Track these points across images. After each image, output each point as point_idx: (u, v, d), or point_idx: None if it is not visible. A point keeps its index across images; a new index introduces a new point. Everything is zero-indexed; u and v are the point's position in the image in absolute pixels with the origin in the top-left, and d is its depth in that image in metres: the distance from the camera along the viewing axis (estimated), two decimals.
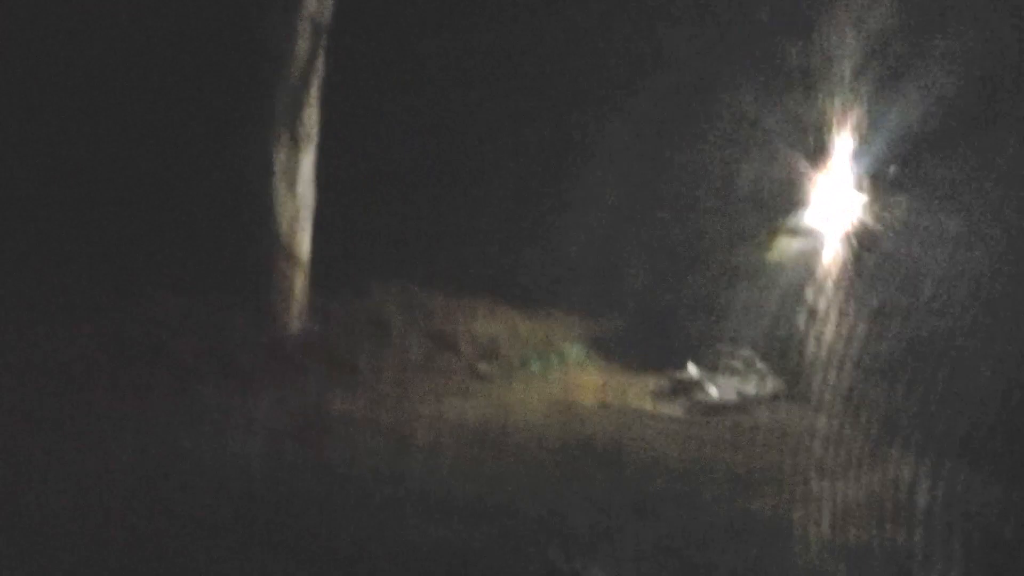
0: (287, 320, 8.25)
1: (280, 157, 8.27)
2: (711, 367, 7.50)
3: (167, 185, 8.80)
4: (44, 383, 6.56)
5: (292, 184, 8.36)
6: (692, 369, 7.55)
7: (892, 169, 6.74)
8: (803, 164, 7.43)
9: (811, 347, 6.98)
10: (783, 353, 7.31)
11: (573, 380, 7.89)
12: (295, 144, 8.33)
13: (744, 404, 7.07)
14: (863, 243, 6.86)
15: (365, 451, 6.09)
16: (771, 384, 7.29)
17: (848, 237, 7.03)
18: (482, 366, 8.08)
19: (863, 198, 7.00)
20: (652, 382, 7.70)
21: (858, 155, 7.02)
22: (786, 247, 7.63)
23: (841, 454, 5.88)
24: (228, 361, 7.43)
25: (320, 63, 8.35)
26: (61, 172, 8.88)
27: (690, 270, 8.10)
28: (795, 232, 7.57)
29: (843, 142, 7.10)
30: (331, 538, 4.66)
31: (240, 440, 6.03)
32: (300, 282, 8.39)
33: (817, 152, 7.33)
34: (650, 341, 8.06)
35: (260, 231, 8.25)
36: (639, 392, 7.56)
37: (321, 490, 5.32)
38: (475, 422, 6.82)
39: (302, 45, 8.23)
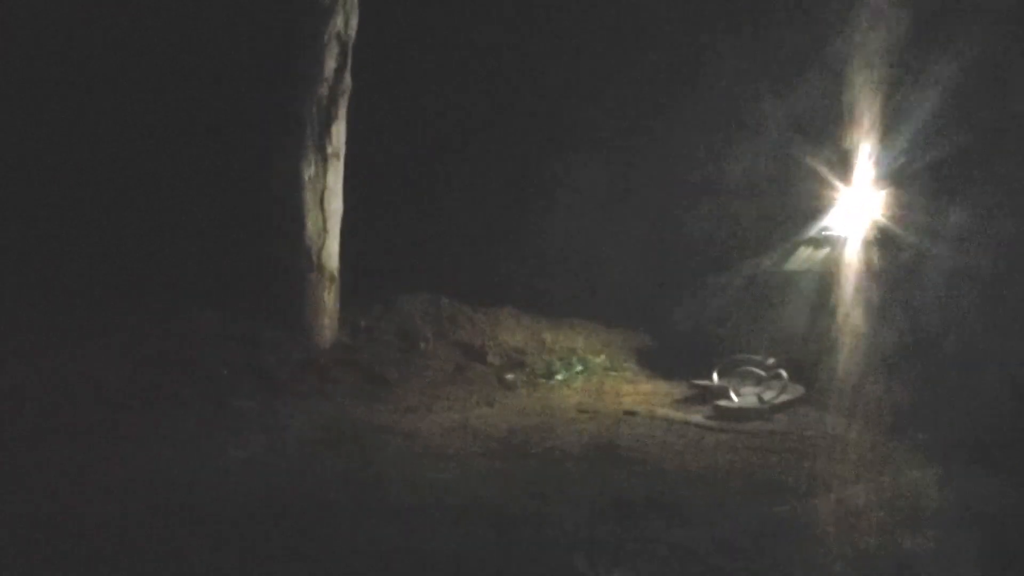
0: (319, 333, 8.43)
1: (309, 172, 8.46)
2: (734, 375, 7.58)
3: (200, 201, 9.03)
4: (82, 398, 6.76)
5: (321, 198, 8.53)
6: (715, 377, 7.64)
7: (916, 178, 6.79)
8: (828, 173, 7.51)
9: (831, 355, 7.05)
10: (804, 360, 7.38)
11: (597, 388, 8.02)
12: (323, 159, 8.50)
13: (765, 411, 7.14)
14: (886, 252, 6.92)
15: (396, 459, 6.23)
16: (792, 391, 7.36)
17: (871, 246, 7.09)
18: (509, 376, 8.22)
19: (887, 207, 7.06)
20: (676, 390, 7.81)
21: (882, 164, 7.08)
22: (810, 256, 7.70)
23: (858, 459, 5.96)
24: (262, 374, 7.64)
25: (347, 79, 8.53)
26: (98, 192, 9.13)
27: (714, 279, 8.20)
28: (819, 241, 7.65)
29: (867, 152, 7.16)
30: (360, 545, 4.77)
31: (275, 450, 6.21)
32: (331, 295, 8.57)
33: (842, 161, 7.40)
34: (674, 350, 8.18)
35: (291, 245, 8.43)
36: (663, 400, 7.66)
37: (352, 498, 5.44)
38: (502, 430, 6.94)
39: (329, 62, 8.42)
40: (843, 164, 7.34)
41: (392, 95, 9.44)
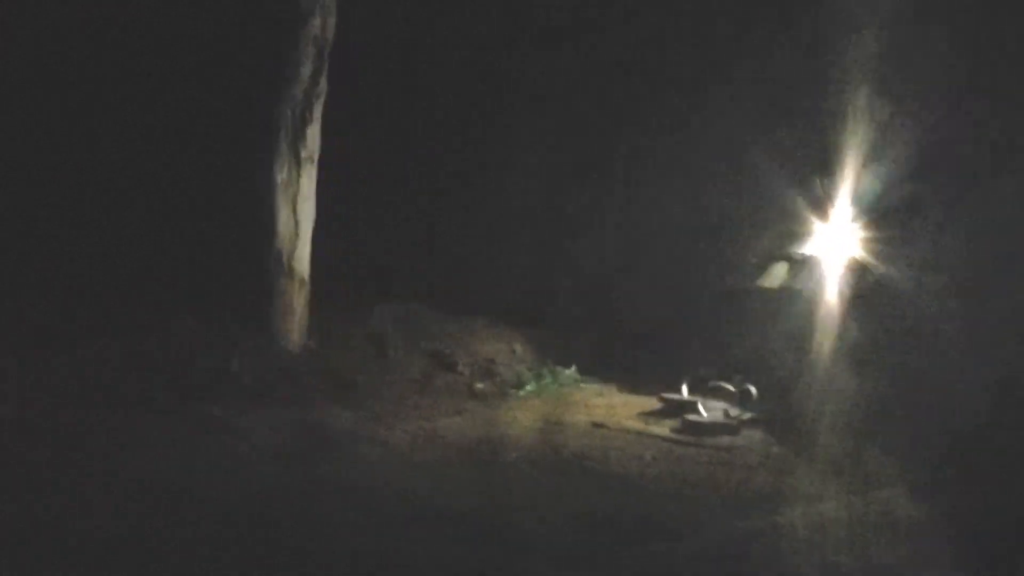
0: (289, 338, 8.35)
1: (283, 175, 8.38)
2: (703, 389, 7.63)
3: (171, 204, 8.93)
4: (54, 404, 6.65)
5: (294, 202, 8.46)
6: (684, 391, 7.69)
7: (888, 201, 6.90)
8: (800, 193, 7.60)
9: (800, 371, 7.12)
10: (774, 376, 7.45)
11: (567, 400, 8.02)
12: (297, 163, 8.43)
13: (733, 426, 7.19)
14: (857, 275, 7.02)
15: (365, 468, 6.19)
16: (760, 407, 7.42)
17: (844, 268, 7.18)
18: (479, 385, 8.20)
19: (859, 229, 7.16)
20: (646, 403, 7.84)
21: (856, 186, 7.18)
22: (783, 274, 7.79)
23: (825, 475, 6.04)
24: (231, 379, 7.55)
25: (323, 82, 8.48)
26: (68, 195, 8.99)
27: (686, 294, 8.25)
28: (793, 259, 7.73)
29: (841, 173, 7.25)
30: (329, 555, 4.74)
31: (243, 457, 6.15)
32: (301, 300, 8.49)
33: (815, 182, 7.50)
34: (645, 363, 8.21)
35: (262, 250, 8.35)
36: (632, 412, 7.69)
37: (320, 507, 5.40)
38: (471, 440, 6.93)
39: (305, 65, 8.36)
40: (821, 188, 7.44)
41: (370, 99, 9.41)
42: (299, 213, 8.50)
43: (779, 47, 7.81)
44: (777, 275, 7.83)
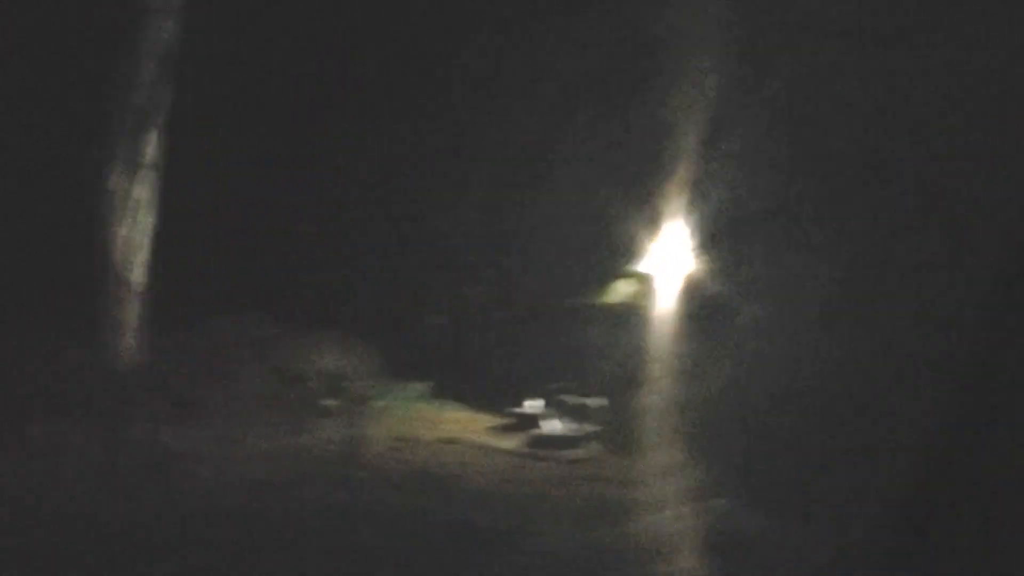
0: (124, 353, 7.96)
1: (119, 184, 8.01)
2: (548, 404, 7.80)
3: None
4: None
5: (130, 213, 8.10)
6: (529, 406, 7.84)
7: (718, 224, 7.25)
8: (637, 214, 7.88)
9: (640, 385, 7.39)
10: (615, 390, 7.69)
11: (417, 415, 8.04)
12: (135, 171, 8.08)
13: (576, 439, 7.39)
14: (692, 294, 7.35)
15: (201, 488, 5.99)
16: (603, 419, 7.65)
17: (680, 287, 7.50)
18: (328, 401, 8.08)
19: (693, 249, 7.50)
20: (493, 418, 7.95)
21: (689, 210, 7.51)
22: (624, 291, 8.06)
23: (662, 487, 6.29)
24: (59, 395, 7.13)
25: (164, 90, 8.17)
26: None
27: (534, 312, 8.41)
28: (632, 277, 8.01)
29: (675, 197, 7.57)
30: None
31: (68, 477, 5.82)
32: (137, 314, 8.11)
33: (651, 204, 7.80)
34: (493, 379, 8.31)
35: (96, 260, 7.94)
36: (480, 427, 7.79)
37: (149, 531, 5.17)
38: (319, 458, 6.83)
39: (147, 71, 8.04)
40: (658, 210, 7.74)
41: (214, 107, 9.11)
42: (137, 222, 8.13)
43: (617, 68, 8.07)
44: (619, 292, 8.11)
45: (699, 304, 7.23)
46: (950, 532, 3.55)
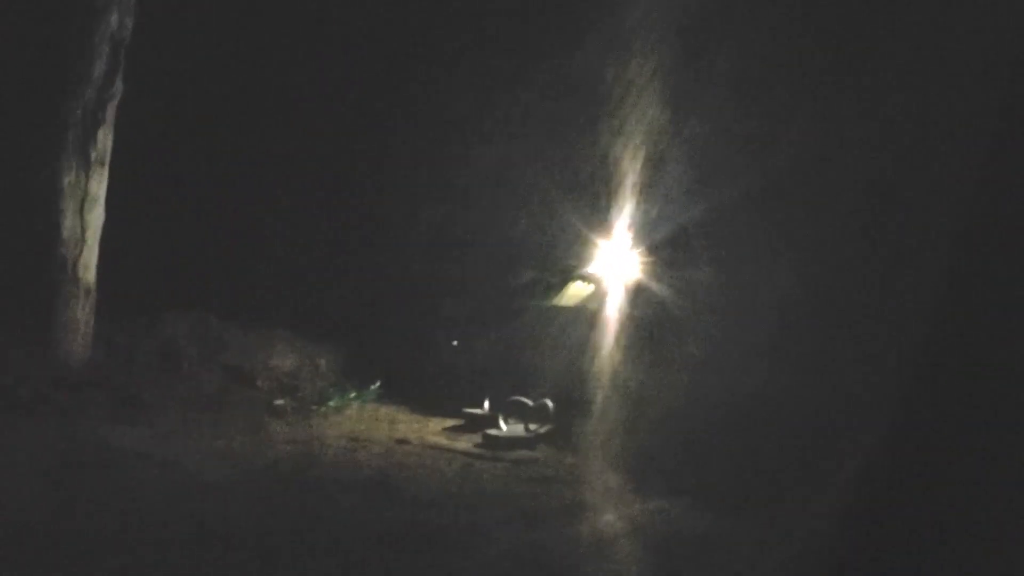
0: (71, 350, 7.86)
1: (69, 177, 7.93)
2: (503, 405, 7.80)
3: None
4: None
5: (80, 206, 8.02)
6: (485, 406, 7.84)
7: (669, 232, 7.33)
8: (587, 218, 7.94)
9: (592, 388, 7.44)
10: (569, 392, 7.72)
11: (371, 416, 8.00)
12: (86, 165, 8.00)
13: (531, 440, 7.41)
14: (640, 297, 7.41)
15: (150, 488, 5.91)
16: (556, 421, 7.67)
17: (629, 290, 7.56)
18: (279, 401, 8.02)
19: (641, 252, 7.57)
20: (445, 419, 7.93)
21: (637, 212, 7.58)
22: (574, 294, 8.11)
23: (611, 489, 6.35)
24: (3, 395, 7.01)
25: (118, 83, 8.08)
26: None
27: (485, 313, 8.42)
28: (584, 279, 8.05)
29: (624, 200, 7.64)
30: None
31: (11, 476, 5.71)
32: (86, 310, 8.03)
33: (600, 207, 7.86)
34: (448, 379, 8.30)
35: (44, 256, 7.84)
36: (435, 428, 7.77)
37: (96, 530, 5.10)
38: (268, 459, 6.77)
39: (99, 64, 7.95)
40: (608, 212, 7.80)
41: (164, 102, 9.01)
42: (86, 218, 8.05)
43: (561, 72, 8.12)
44: (572, 295, 8.15)
45: (649, 306, 7.30)
46: (899, 538, 3.60)
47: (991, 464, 3.41)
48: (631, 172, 7.40)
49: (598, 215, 7.80)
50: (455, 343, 8.50)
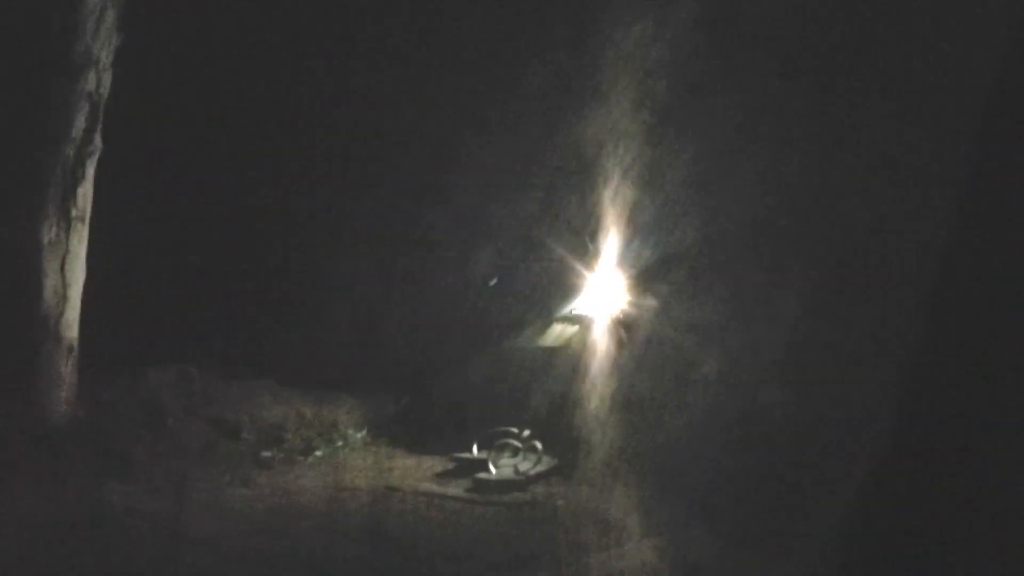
0: (54, 408, 7.78)
1: (50, 235, 7.90)
2: (493, 447, 7.81)
3: None
4: None
5: (62, 263, 7.98)
6: (475, 450, 7.84)
7: (653, 265, 7.41)
8: (574, 258, 8.03)
9: (582, 427, 7.47)
10: (558, 432, 7.75)
11: (358, 464, 7.96)
12: (66, 222, 7.99)
13: (522, 482, 7.41)
14: (628, 333, 7.47)
15: (142, 545, 5.86)
16: (547, 462, 7.69)
17: (616, 327, 7.62)
18: (265, 453, 7.97)
19: (630, 291, 7.64)
20: (438, 464, 7.92)
21: (624, 251, 7.67)
22: (562, 333, 8.16)
23: (606, 527, 6.35)
24: None
25: (97, 140, 8.11)
26: None
27: (473, 354, 8.45)
28: (571, 319, 8.12)
29: (611, 239, 7.74)
30: None
31: (3, 536, 5.64)
32: (68, 367, 7.96)
33: (587, 247, 7.95)
34: (435, 424, 8.30)
35: (25, 313, 7.78)
36: (424, 474, 7.75)
37: None
38: (258, 511, 6.74)
39: (78, 121, 7.97)
40: (591, 250, 7.89)
41: (144, 159, 9.05)
42: (67, 275, 8.01)
43: (546, 101, 8.24)
44: (558, 335, 8.21)
45: (635, 342, 7.36)
46: (903, 560, 3.63)
47: (999, 477, 3.46)
48: (618, 207, 7.49)
49: (584, 252, 7.88)
50: (443, 385, 8.50)
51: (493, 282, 7.94)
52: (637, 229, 7.57)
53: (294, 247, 9.39)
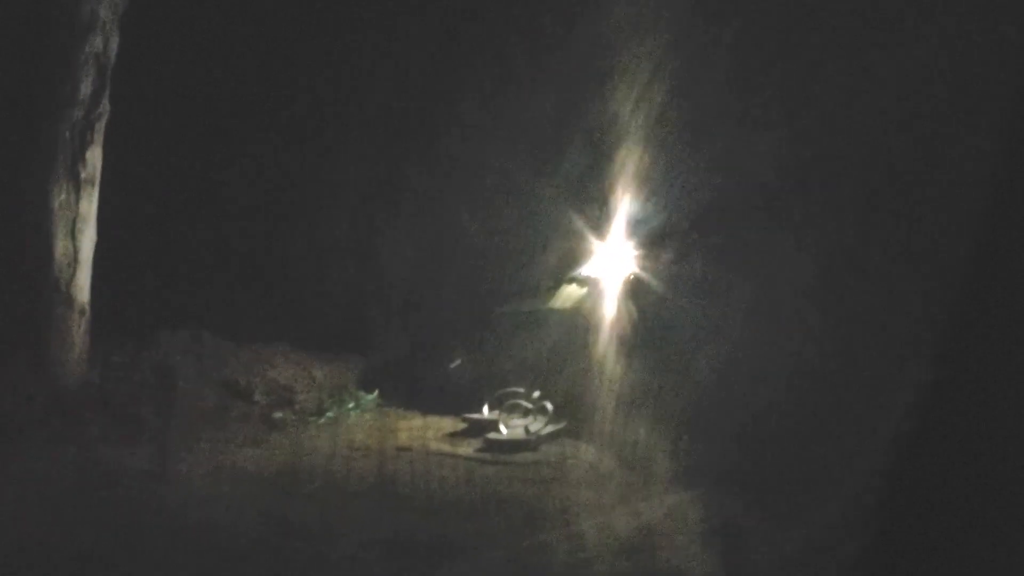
0: (66, 371, 7.83)
1: (60, 198, 7.91)
2: (503, 408, 7.83)
3: None
4: None
5: (72, 227, 7.99)
6: (485, 411, 7.87)
7: (665, 230, 7.35)
8: (586, 220, 7.98)
9: (592, 388, 7.48)
10: (568, 393, 7.76)
11: (370, 425, 8.01)
12: (76, 185, 7.99)
13: (532, 442, 7.44)
14: (638, 295, 7.44)
15: (156, 504, 5.91)
16: (556, 422, 7.71)
17: (626, 289, 7.59)
18: (277, 414, 8.02)
19: (638, 250, 7.60)
20: (448, 424, 7.96)
21: (632, 214, 7.61)
22: (571, 295, 8.14)
23: (617, 486, 6.39)
24: (4, 418, 6.98)
25: (105, 102, 8.08)
26: None
27: (483, 316, 8.45)
28: (580, 281, 8.10)
29: (619, 202, 7.68)
30: None
31: (17, 500, 5.70)
32: (80, 330, 8.00)
33: (601, 210, 7.90)
34: (447, 385, 8.32)
35: (37, 277, 7.81)
36: (436, 434, 7.78)
37: (109, 548, 5.12)
38: (270, 471, 6.78)
39: (85, 84, 7.94)
40: (602, 212, 7.83)
41: (153, 121, 9.02)
42: (78, 238, 8.03)
43: (558, 67, 8.15)
44: (568, 296, 8.19)
45: (646, 304, 7.33)
46: (928, 527, 3.60)
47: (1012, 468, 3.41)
48: (628, 169, 7.43)
49: (594, 214, 7.83)
50: (452, 349, 8.51)
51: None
52: (647, 188, 7.50)
53: (306, 209, 9.36)
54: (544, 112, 8.21)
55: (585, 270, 8.13)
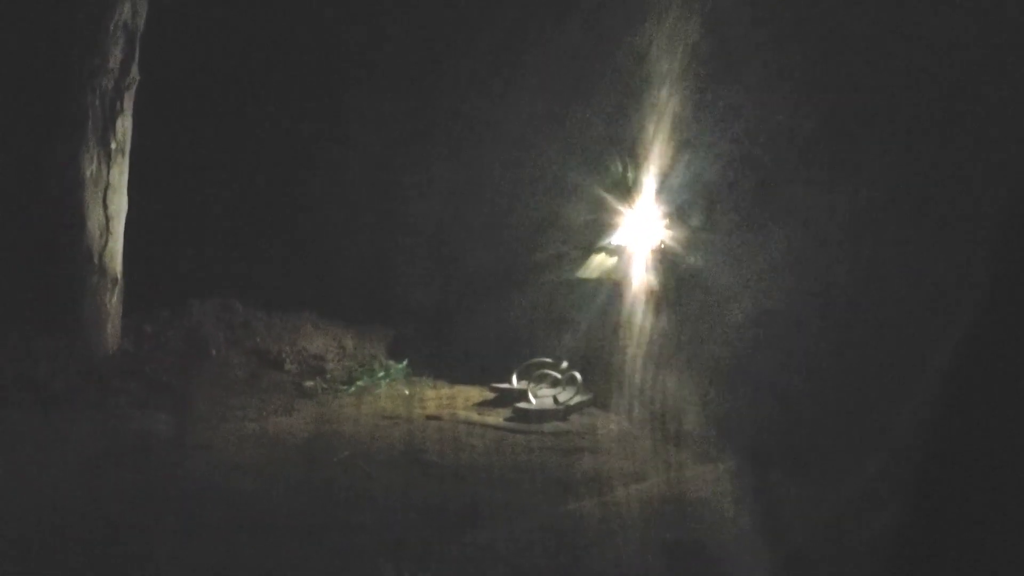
0: (100, 340, 7.92)
1: (91, 168, 7.95)
2: (532, 378, 7.81)
3: None
4: None
5: (103, 196, 8.05)
6: (514, 380, 7.85)
7: (695, 199, 7.21)
8: (611, 184, 7.87)
9: (621, 358, 7.42)
10: (596, 363, 7.72)
11: (400, 394, 8.03)
12: (106, 154, 8.03)
13: (561, 411, 7.42)
14: (667, 265, 7.34)
15: (189, 471, 5.97)
16: (585, 393, 7.68)
17: (655, 259, 7.49)
18: (308, 383, 8.06)
19: (668, 219, 7.48)
20: (477, 394, 7.95)
21: (662, 181, 7.49)
22: (600, 265, 8.06)
23: (646, 456, 6.36)
24: (36, 385, 7.08)
25: (134, 71, 8.09)
26: None
27: (511, 285, 8.40)
28: (609, 251, 8.01)
29: (648, 170, 7.55)
30: (155, 567, 4.56)
31: (53, 467, 5.78)
32: (113, 300, 8.08)
33: (625, 172, 7.78)
34: (475, 354, 8.30)
35: (69, 247, 7.88)
36: (465, 404, 7.79)
37: (143, 514, 5.18)
38: (301, 439, 6.82)
39: (115, 53, 7.95)
40: (630, 181, 7.72)
41: (184, 89, 9.02)
42: (110, 208, 8.08)
43: (585, 31, 8.01)
44: (596, 266, 8.11)
45: (677, 274, 7.23)
46: (957, 504, 3.49)
47: None
48: (658, 138, 7.30)
49: (622, 182, 7.71)
50: (480, 319, 8.47)
51: None
52: (678, 156, 7.36)
53: (338, 179, 9.34)
54: (574, 76, 8.09)
55: (615, 239, 8.03)
